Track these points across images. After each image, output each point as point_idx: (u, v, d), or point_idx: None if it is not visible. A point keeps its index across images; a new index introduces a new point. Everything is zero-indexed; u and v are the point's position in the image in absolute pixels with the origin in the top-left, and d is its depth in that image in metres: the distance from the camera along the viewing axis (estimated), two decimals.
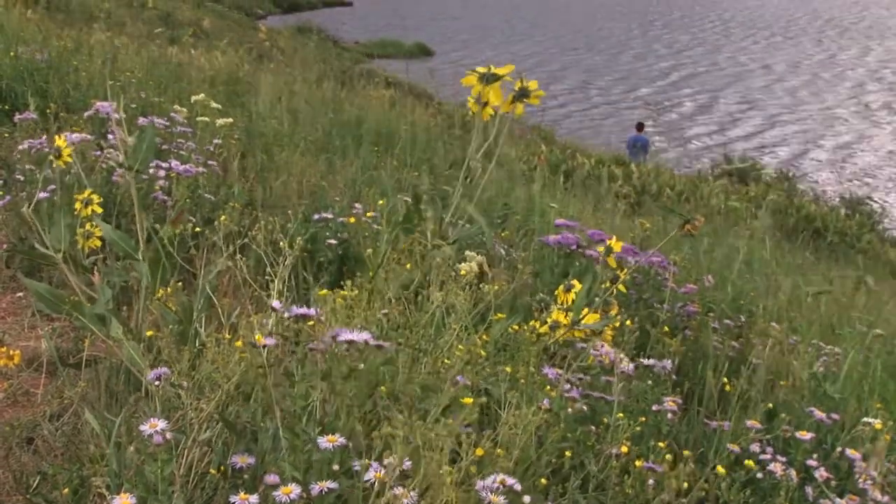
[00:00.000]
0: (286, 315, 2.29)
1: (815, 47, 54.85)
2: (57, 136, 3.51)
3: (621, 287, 3.41)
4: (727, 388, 3.67)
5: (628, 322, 3.48)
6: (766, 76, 44.31)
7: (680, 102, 37.11)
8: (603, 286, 3.33)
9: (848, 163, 28.29)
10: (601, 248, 3.37)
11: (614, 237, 3.46)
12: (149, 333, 2.95)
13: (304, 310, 2.27)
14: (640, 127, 23.73)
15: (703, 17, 74.45)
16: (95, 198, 3.47)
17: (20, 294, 4.37)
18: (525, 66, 40.47)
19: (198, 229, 4.20)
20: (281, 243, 2.95)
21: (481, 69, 3.07)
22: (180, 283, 3.21)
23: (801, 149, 29.88)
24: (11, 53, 7.95)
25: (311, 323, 2.26)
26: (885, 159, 28.85)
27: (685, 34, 62.68)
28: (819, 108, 36.56)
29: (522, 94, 3.08)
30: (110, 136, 5.15)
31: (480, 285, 3.23)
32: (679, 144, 29.55)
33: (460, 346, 2.78)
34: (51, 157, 3.49)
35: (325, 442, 2.09)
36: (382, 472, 1.95)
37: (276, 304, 2.44)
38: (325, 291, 2.83)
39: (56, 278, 4.15)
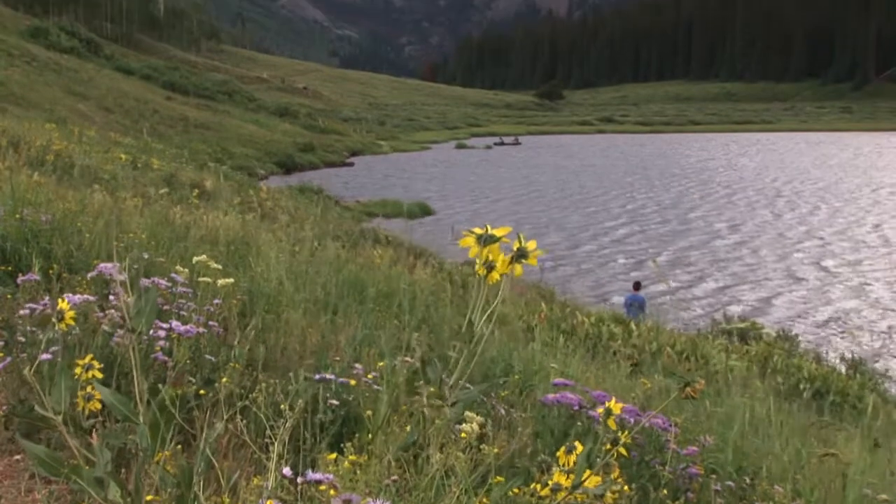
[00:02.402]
0: (300, 480, 2.28)
1: (811, 209, 55.53)
2: (60, 299, 3.54)
3: (622, 450, 3.39)
4: None
5: (626, 488, 3.45)
6: (764, 236, 44.74)
7: (679, 261, 37.39)
8: (604, 448, 3.31)
9: (848, 322, 28.34)
10: (601, 410, 3.36)
11: (615, 398, 3.46)
12: (148, 498, 2.93)
13: (318, 475, 2.27)
14: (637, 286, 23.93)
15: (701, 182, 75.59)
16: (96, 364, 3.47)
17: (18, 457, 4.34)
18: (527, 227, 40.97)
19: (196, 391, 4.20)
20: (281, 405, 2.96)
21: (478, 230, 3.10)
22: (180, 446, 3.20)
23: (801, 308, 29.98)
24: (17, 216, 8.05)
25: (323, 488, 2.25)
26: (883, 317, 28.92)
27: (679, 196, 63.54)
28: (817, 267, 36.81)
29: (521, 255, 3.11)
30: (112, 298, 5.18)
31: (481, 446, 3.21)
32: (679, 303, 29.65)
33: None
34: (53, 320, 3.51)
35: None
36: None
37: (286, 471, 2.43)
38: (333, 455, 2.82)
39: (55, 441, 4.12)
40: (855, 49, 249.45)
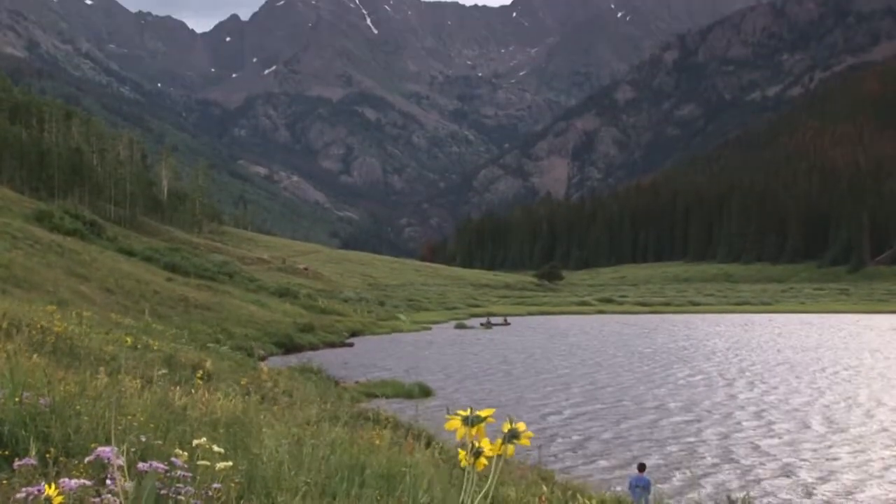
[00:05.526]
0: None
1: (802, 386, 55.39)
2: (47, 486, 3.50)
3: None
4: None
5: None
6: (761, 414, 44.50)
7: (681, 441, 37.12)
8: None
9: (850, 499, 28.00)
10: None
11: None
12: None
13: None
14: (641, 467, 23.64)
15: (687, 362, 75.61)
16: None
17: None
18: (523, 408, 40.87)
19: None
20: None
21: (462, 412, 3.09)
22: None
23: (802, 487, 29.62)
24: (16, 399, 8.01)
25: None
26: (887, 492, 28.57)
27: (666, 376, 63.43)
28: (819, 444, 36.52)
29: (512, 436, 3.09)
30: (109, 482, 5.13)
31: None
32: (682, 484, 29.34)
33: None
34: None
35: None
36: None
37: None
38: None
39: None
40: (849, 232, 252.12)
